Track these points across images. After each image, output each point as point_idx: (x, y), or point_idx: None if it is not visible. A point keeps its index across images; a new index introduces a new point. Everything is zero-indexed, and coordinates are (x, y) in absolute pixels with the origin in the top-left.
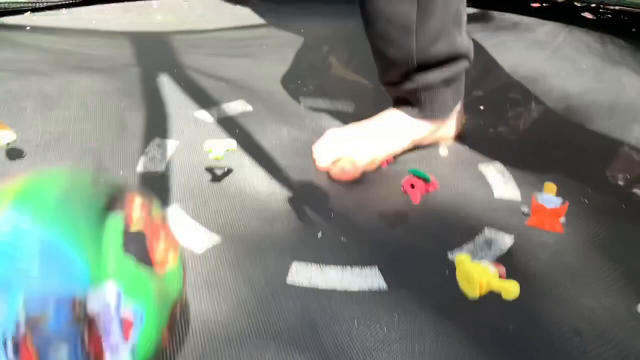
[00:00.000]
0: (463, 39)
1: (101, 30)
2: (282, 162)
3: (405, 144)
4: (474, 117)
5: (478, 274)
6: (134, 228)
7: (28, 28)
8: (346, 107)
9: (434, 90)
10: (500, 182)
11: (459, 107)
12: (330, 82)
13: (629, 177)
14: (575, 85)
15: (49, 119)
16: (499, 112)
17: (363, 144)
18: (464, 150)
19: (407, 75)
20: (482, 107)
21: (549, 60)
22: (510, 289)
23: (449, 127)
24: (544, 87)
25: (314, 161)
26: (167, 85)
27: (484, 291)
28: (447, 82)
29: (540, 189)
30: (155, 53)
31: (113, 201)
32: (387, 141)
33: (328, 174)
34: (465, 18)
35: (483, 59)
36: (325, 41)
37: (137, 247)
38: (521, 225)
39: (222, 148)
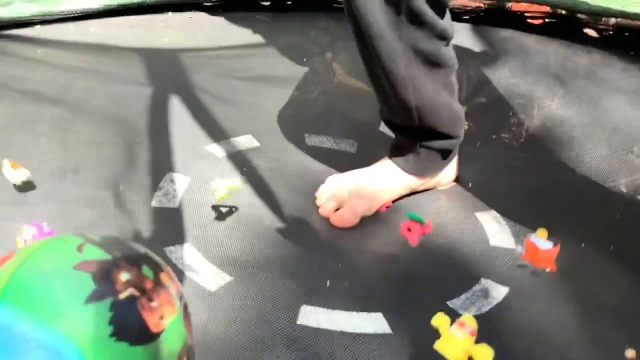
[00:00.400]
0: (458, 105)
1: (110, 46)
2: (288, 201)
3: (402, 191)
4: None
5: (454, 347)
6: (123, 295)
7: (38, 47)
8: (349, 147)
9: (434, 152)
10: (495, 231)
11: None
12: (334, 113)
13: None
14: (571, 115)
15: (62, 147)
16: (494, 156)
17: (362, 193)
18: (460, 196)
19: (410, 128)
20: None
21: (543, 83)
22: (484, 354)
23: (447, 174)
24: (537, 115)
25: (317, 206)
26: (177, 113)
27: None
28: (446, 154)
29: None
30: (164, 72)
31: (101, 271)
32: (385, 189)
33: (329, 220)
34: (456, 87)
35: (476, 77)
36: (328, 48)
37: (129, 316)
38: (516, 275)
39: (226, 187)
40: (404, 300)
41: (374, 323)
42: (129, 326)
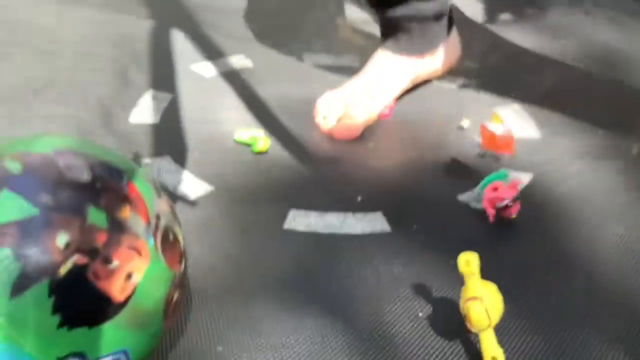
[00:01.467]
0: None
1: None
2: (282, 118)
3: (403, 85)
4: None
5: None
6: (64, 269)
7: None
8: (351, 61)
9: (426, 22)
10: (518, 122)
11: (448, 39)
12: (337, 40)
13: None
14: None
15: (47, 62)
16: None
17: (361, 100)
18: (479, 92)
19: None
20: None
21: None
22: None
23: (450, 53)
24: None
25: (316, 122)
26: (167, 36)
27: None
28: (439, 17)
29: (560, 128)
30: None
31: (23, 239)
32: (382, 88)
33: (331, 135)
34: None
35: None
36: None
37: (78, 295)
38: (541, 162)
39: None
40: (406, 199)
41: (372, 223)
42: (82, 307)
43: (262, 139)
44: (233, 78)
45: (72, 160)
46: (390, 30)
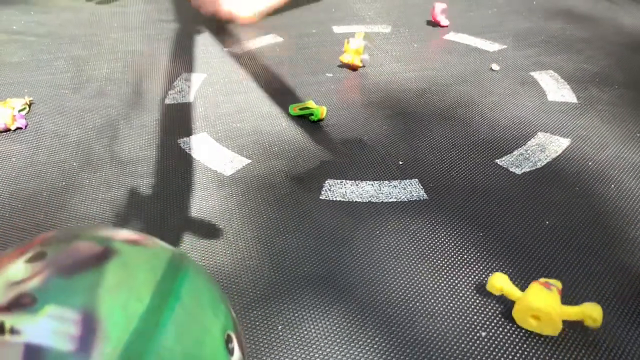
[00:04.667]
0: None
1: None
2: (310, 89)
3: None
4: (523, 22)
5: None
6: None
7: None
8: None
9: None
10: (554, 87)
11: None
12: None
13: None
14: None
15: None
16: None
17: None
18: (515, 57)
19: None
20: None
21: None
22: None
23: None
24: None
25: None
26: (200, 26)
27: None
28: None
29: (599, 88)
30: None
31: None
32: None
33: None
34: None
35: None
36: None
37: None
38: (578, 127)
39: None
40: (444, 164)
41: (407, 190)
42: None
43: (319, 108)
44: (264, 54)
45: None
46: None
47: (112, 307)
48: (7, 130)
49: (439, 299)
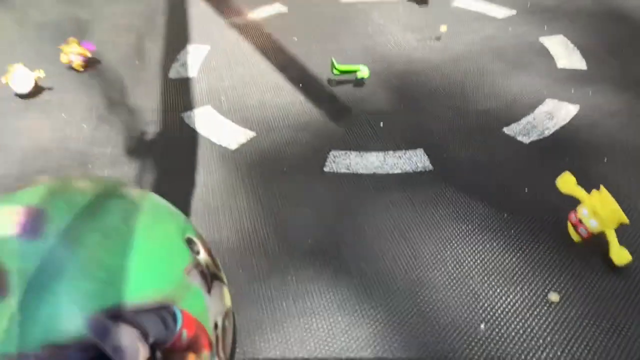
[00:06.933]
0: None
1: None
2: (312, 58)
3: None
4: None
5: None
6: None
7: None
8: None
9: None
10: (563, 54)
11: None
12: None
13: None
14: None
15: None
16: None
17: None
18: (524, 23)
19: None
20: None
21: None
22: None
23: None
24: None
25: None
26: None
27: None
28: None
29: (606, 58)
30: None
31: None
32: None
33: None
34: None
35: None
36: None
37: None
38: (587, 94)
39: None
40: (450, 134)
41: (412, 160)
42: None
43: (363, 67)
44: (269, 23)
45: (118, 337)
46: None
47: (55, 200)
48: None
49: (442, 270)
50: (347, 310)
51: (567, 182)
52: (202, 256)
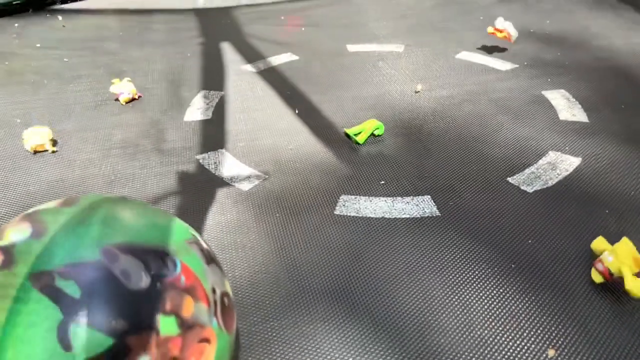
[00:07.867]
0: None
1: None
2: (323, 104)
3: None
4: (535, 42)
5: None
6: None
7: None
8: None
9: None
10: (565, 106)
11: None
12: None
13: None
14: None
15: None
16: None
17: None
18: (526, 77)
19: None
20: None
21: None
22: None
23: None
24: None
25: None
26: (220, 47)
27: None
28: None
29: (608, 113)
30: (215, 26)
31: None
32: None
33: None
34: None
35: None
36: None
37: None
38: (588, 146)
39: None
40: (456, 181)
41: (420, 206)
42: None
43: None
44: (280, 71)
45: (125, 263)
46: None
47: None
48: (133, 99)
49: (451, 314)
50: (358, 351)
51: (600, 243)
52: (203, 244)
